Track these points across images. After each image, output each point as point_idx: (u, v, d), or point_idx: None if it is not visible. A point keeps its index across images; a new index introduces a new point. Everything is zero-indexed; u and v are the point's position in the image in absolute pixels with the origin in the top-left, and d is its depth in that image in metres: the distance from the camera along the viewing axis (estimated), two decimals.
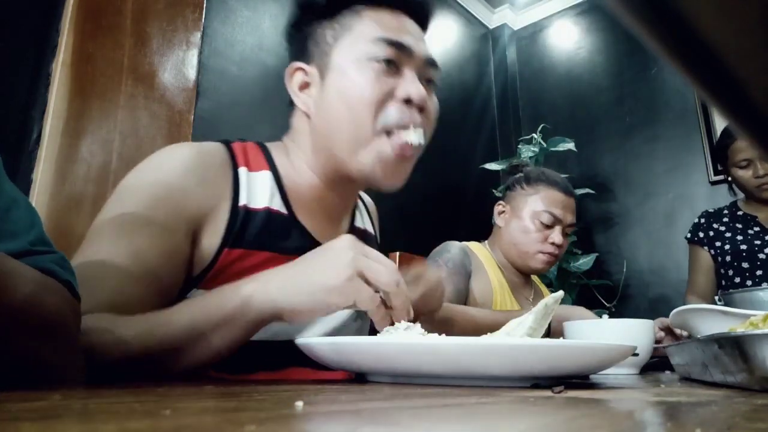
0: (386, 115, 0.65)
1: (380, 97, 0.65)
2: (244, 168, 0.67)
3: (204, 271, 0.61)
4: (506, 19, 3.13)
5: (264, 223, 0.65)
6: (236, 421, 0.20)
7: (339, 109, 0.66)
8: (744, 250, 1.68)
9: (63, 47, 1.21)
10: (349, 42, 0.67)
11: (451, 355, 0.40)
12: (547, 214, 1.31)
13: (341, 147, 0.67)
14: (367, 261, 0.50)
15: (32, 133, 1.17)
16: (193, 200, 0.60)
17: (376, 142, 0.65)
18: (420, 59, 0.69)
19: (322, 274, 0.49)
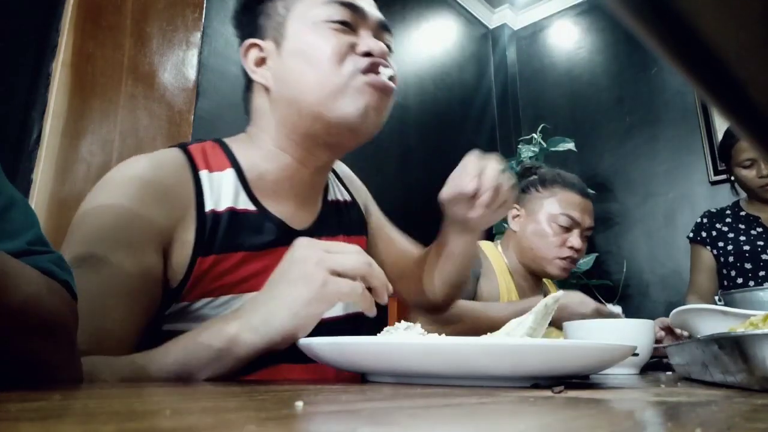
0: (350, 66, 0.64)
1: (341, 50, 0.64)
2: (206, 171, 0.65)
3: (181, 283, 0.59)
4: (506, 19, 3.13)
5: (229, 225, 0.63)
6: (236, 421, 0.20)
7: (302, 70, 0.65)
8: (747, 250, 1.68)
9: (63, 47, 1.21)
10: (301, 9, 0.67)
11: (451, 355, 0.40)
12: (564, 217, 1.27)
13: (313, 104, 0.64)
14: (331, 256, 0.49)
15: (32, 133, 1.17)
16: (156, 219, 0.58)
17: (352, 85, 0.64)
18: (374, 22, 0.68)
19: (295, 289, 0.48)
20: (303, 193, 0.72)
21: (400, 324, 0.53)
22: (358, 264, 0.49)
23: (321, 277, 0.48)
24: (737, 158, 1.69)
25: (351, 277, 0.49)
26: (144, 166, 0.61)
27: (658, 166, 2.51)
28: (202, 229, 0.61)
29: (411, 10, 2.55)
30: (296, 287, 0.48)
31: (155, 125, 1.36)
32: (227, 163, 0.67)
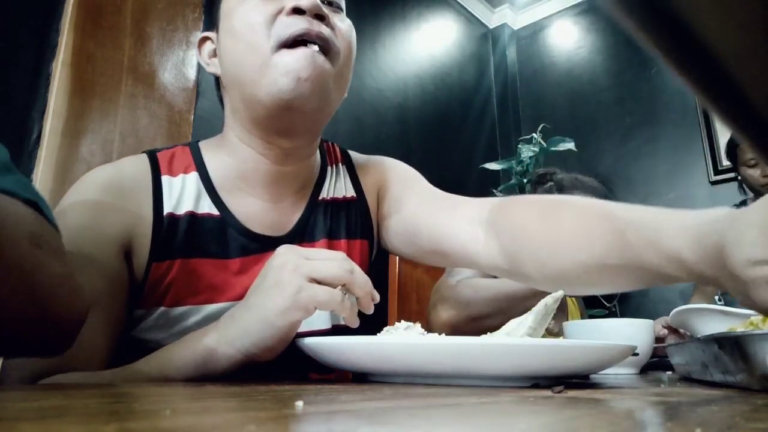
0: (277, 28, 0.58)
1: (265, 17, 0.58)
2: (167, 176, 0.63)
3: (139, 289, 0.58)
4: (506, 19, 3.13)
5: (188, 229, 0.61)
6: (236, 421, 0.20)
7: (233, 48, 0.61)
8: None
9: (63, 47, 1.21)
10: None
11: (451, 355, 0.40)
12: None
13: (247, 84, 0.60)
14: (309, 262, 0.46)
15: (32, 132, 1.17)
16: (114, 220, 0.57)
17: (275, 59, 0.58)
18: None
19: (271, 299, 0.46)
20: (275, 191, 0.67)
21: (400, 324, 0.53)
22: (337, 271, 0.46)
23: (296, 284, 0.45)
24: (742, 157, 1.69)
25: (331, 285, 0.46)
26: (105, 172, 0.61)
27: (658, 166, 2.51)
28: (158, 233, 0.59)
29: (411, 10, 2.55)
30: (270, 296, 0.46)
31: (155, 125, 1.36)
32: (192, 166, 0.65)
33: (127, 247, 0.58)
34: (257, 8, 0.59)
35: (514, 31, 3.19)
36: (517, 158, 2.55)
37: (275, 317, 0.45)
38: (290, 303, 0.45)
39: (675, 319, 0.81)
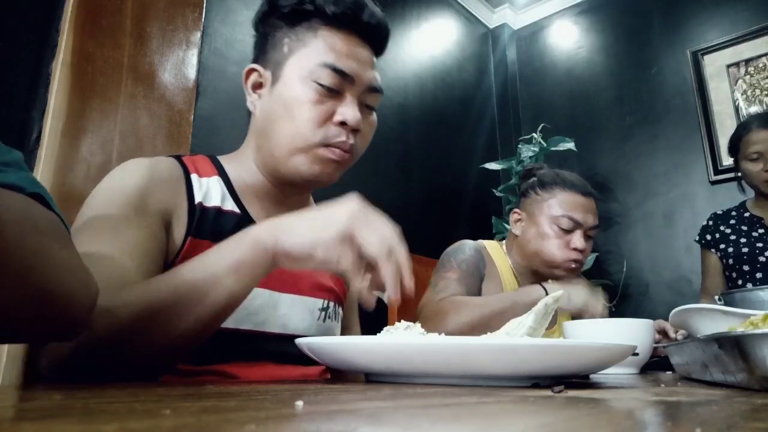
0: (323, 133, 0.69)
1: (319, 118, 0.69)
2: (195, 174, 0.71)
3: (174, 259, 0.64)
4: (506, 19, 3.13)
5: (215, 219, 0.69)
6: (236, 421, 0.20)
7: (280, 118, 0.70)
8: (746, 252, 1.68)
9: (63, 47, 1.21)
10: (300, 58, 0.71)
11: (451, 355, 0.40)
12: (566, 219, 1.24)
13: (277, 150, 0.71)
14: (361, 225, 0.50)
15: (32, 132, 1.17)
16: (158, 198, 0.65)
17: (314, 152, 0.70)
18: (362, 86, 0.72)
19: (318, 227, 0.50)
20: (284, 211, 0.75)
21: (400, 324, 0.53)
22: (376, 246, 0.49)
23: (337, 233, 0.49)
24: (745, 150, 1.70)
25: (367, 256, 0.50)
26: (145, 161, 0.69)
27: (658, 166, 2.51)
28: (193, 216, 0.67)
29: (411, 10, 2.55)
30: (319, 226, 0.50)
31: (155, 125, 1.36)
32: (214, 171, 0.74)
33: (168, 221, 0.65)
34: (312, 105, 0.69)
35: (514, 31, 3.19)
36: (517, 158, 2.55)
37: (310, 241, 0.50)
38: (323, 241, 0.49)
39: (675, 319, 0.81)
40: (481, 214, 2.64)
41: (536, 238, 1.27)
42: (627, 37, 2.73)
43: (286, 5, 0.72)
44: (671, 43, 2.57)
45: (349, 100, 0.71)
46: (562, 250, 1.24)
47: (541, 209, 1.29)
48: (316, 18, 0.71)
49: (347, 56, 0.71)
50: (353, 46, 0.72)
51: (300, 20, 0.72)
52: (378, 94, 0.76)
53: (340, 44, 0.71)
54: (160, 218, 0.64)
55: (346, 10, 0.71)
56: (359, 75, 0.71)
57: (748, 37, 2.36)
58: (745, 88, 2.36)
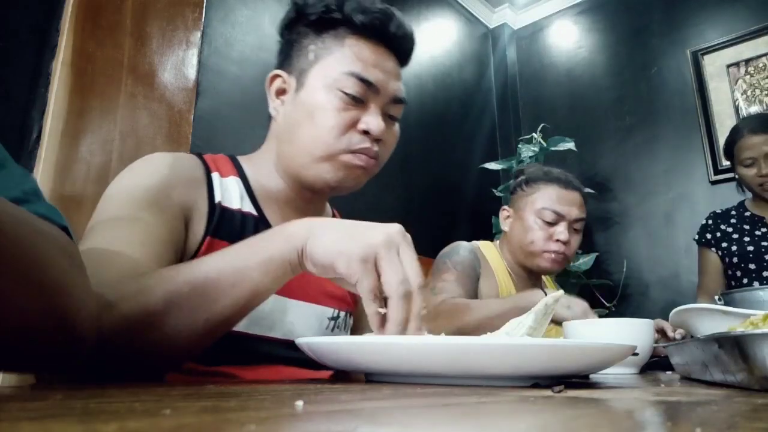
0: (346, 141, 0.69)
1: (342, 126, 0.69)
2: (216, 173, 0.71)
3: (192, 258, 0.63)
4: (506, 19, 3.13)
5: (240, 223, 0.69)
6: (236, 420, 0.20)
7: (303, 125, 0.70)
8: (751, 251, 1.68)
9: (63, 46, 1.21)
10: (326, 65, 0.71)
11: (451, 355, 0.40)
12: (548, 212, 1.28)
13: (300, 157, 0.71)
14: (390, 254, 0.48)
15: (32, 132, 1.17)
16: (180, 192, 0.65)
17: (338, 159, 0.70)
18: (386, 97, 0.72)
19: (348, 239, 0.49)
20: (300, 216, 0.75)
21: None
22: (394, 282, 0.47)
23: (364, 253, 0.47)
24: (739, 156, 1.70)
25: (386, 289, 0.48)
26: (168, 155, 0.69)
27: (658, 165, 2.51)
28: (212, 215, 0.67)
29: (411, 10, 2.55)
30: (350, 238, 0.48)
31: (155, 125, 1.36)
32: (234, 172, 0.74)
33: (188, 216, 0.65)
34: (336, 113, 0.69)
35: (514, 31, 3.19)
36: (517, 158, 2.55)
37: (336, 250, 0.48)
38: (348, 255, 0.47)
39: (675, 319, 0.81)
40: (481, 214, 2.64)
41: (521, 231, 1.32)
42: (627, 37, 2.73)
43: (314, 13, 0.72)
44: (671, 43, 2.57)
45: (373, 110, 0.70)
46: (544, 242, 1.28)
47: (525, 204, 1.34)
48: (343, 26, 0.71)
49: (373, 66, 0.70)
50: (379, 56, 0.72)
51: (327, 28, 0.72)
52: (402, 105, 0.75)
53: (366, 54, 0.71)
54: (180, 212, 0.64)
55: (374, 20, 0.71)
56: (384, 85, 0.71)
57: (748, 37, 2.36)
58: (745, 88, 2.35)
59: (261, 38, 1.79)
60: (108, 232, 0.57)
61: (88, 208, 1.19)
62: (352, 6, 0.71)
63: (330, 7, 0.71)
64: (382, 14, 0.71)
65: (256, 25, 1.79)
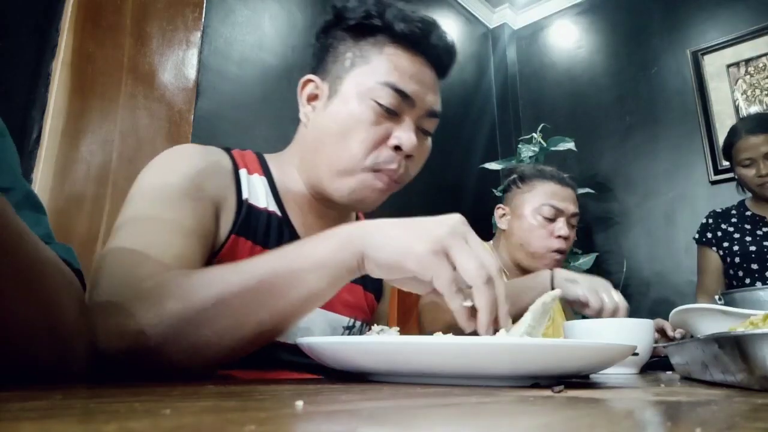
0: (375, 157, 0.67)
1: (373, 141, 0.66)
2: (244, 170, 0.70)
3: (214, 254, 0.63)
4: (506, 19, 3.13)
5: (265, 222, 0.68)
6: (236, 421, 0.20)
7: (334, 135, 0.68)
8: (753, 251, 1.68)
9: (63, 46, 1.21)
10: (361, 74, 0.68)
11: (451, 355, 0.40)
12: (547, 207, 1.30)
13: (324, 168, 0.69)
14: (460, 243, 0.46)
15: (32, 132, 1.17)
16: (212, 185, 0.64)
17: (360, 176, 0.67)
18: (422, 110, 0.69)
19: (412, 236, 0.46)
20: (322, 220, 0.75)
21: (375, 327, 0.54)
22: (473, 270, 0.45)
23: (433, 247, 0.45)
24: (737, 157, 1.70)
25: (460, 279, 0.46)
26: (199, 147, 0.68)
27: (658, 165, 2.51)
28: (239, 212, 0.66)
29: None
30: (414, 236, 0.47)
31: (155, 125, 1.36)
32: (260, 170, 0.73)
33: (218, 210, 0.64)
34: (368, 125, 0.66)
35: (514, 31, 3.19)
36: (517, 158, 2.55)
37: (400, 250, 0.46)
38: (416, 253, 0.45)
39: (675, 319, 0.81)
40: (481, 214, 2.64)
41: (521, 229, 1.33)
42: (627, 37, 2.73)
43: (353, 18, 0.70)
44: (671, 43, 2.57)
45: (407, 124, 0.68)
46: (546, 240, 1.29)
47: (523, 201, 1.35)
48: (382, 34, 0.69)
49: (410, 77, 0.68)
50: (418, 67, 0.69)
51: (366, 35, 0.69)
52: (436, 119, 0.73)
53: (404, 64, 0.68)
54: (212, 205, 0.63)
55: (414, 30, 0.68)
56: (420, 98, 0.68)
57: (748, 37, 2.36)
58: (745, 88, 2.35)
59: (261, 38, 1.79)
60: (140, 227, 0.56)
61: (87, 208, 1.19)
62: (394, 13, 0.68)
63: (370, 13, 0.69)
64: (424, 24, 0.69)
65: (256, 25, 1.79)
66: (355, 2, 0.70)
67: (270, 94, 1.78)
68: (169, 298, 0.45)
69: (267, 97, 1.77)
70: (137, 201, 0.59)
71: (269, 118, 1.77)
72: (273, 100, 1.79)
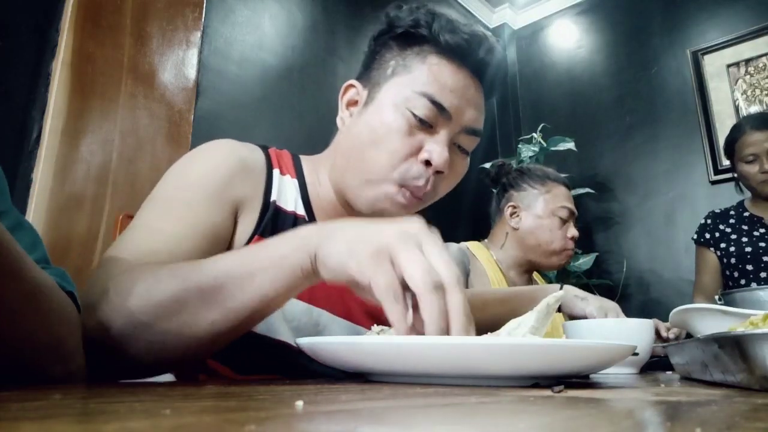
0: (404, 170, 0.64)
1: (404, 153, 0.64)
2: (277, 169, 0.70)
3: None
4: (506, 19, 3.13)
5: (291, 226, 0.66)
6: (236, 421, 0.20)
7: (365, 143, 0.66)
8: (749, 252, 1.68)
9: (63, 46, 1.21)
10: (400, 82, 0.66)
11: (451, 354, 0.40)
12: (564, 210, 1.37)
13: (352, 175, 0.68)
14: (407, 248, 0.41)
15: (32, 132, 1.17)
16: (236, 185, 0.63)
17: (385, 187, 0.65)
18: (459, 125, 0.67)
19: (359, 238, 0.43)
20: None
21: (374, 327, 0.54)
22: (418, 275, 0.40)
23: (375, 248, 0.41)
24: (740, 153, 1.70)
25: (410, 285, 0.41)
26: (236, 145, 0.68)
27: (658, 165, 2.51)
28: (264, 214, 0.65)
29: None
30: (362, 236, 0.43)
31: (155, 125, 1.36)
32: (293, 172, 0.72)
33: (238, 212, 0.64)
34: (400, 136, 0.64)
35: (514, 31, 3.19)
36: (517, 158, 2.55)
37: (346, 250, 0.43)
38: (358, 253, 0.41)
39: (675, 319, 0.81)
40: (482, 214, 2.64)
41: (539, 230, 1.38)
42: (627, 37, 2.73)
43: (402, 26, 0.68)
44: (671, 43, 2.57)
45: (441, 138, 0.65)
46: (562, 240, 1.37)
47: (539, 202, 1.40)
48: (428, 44, 0.67)
49: (450, 90, 0.65)
50: (460, 81, 0.66)
51: (412, 44, 0.68)
52: (476, 137, 0.70)
53: (445, 76, 0.65)
54: (231, 206, 0.62)
55: (461, 42, 0.66)
56: (458, 112, 0.66)
57: (748, 37, 2.36)
58: (745, 88, 2.35)
59: (261, 38, 1.79)
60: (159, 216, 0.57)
61: (87, 208, 1.19)
62: (442, 24, 0.67)
63: (419, 22, 0.67)
64: (473, 36, 0.67)
65: (256, 25, 1.79)
66: (407, 11, 0.69)
67: (270, 94, 1.78)
68: (131, 293, 0.45)
69: (267, 97, 1.77)
70: (164, 189, 0.61)
71: (269, 118, 1.77)
72: (273, 100, 1.79)
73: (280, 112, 1.80)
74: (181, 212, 0.57)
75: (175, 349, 0.47)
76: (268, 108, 1.77)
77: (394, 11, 0.70)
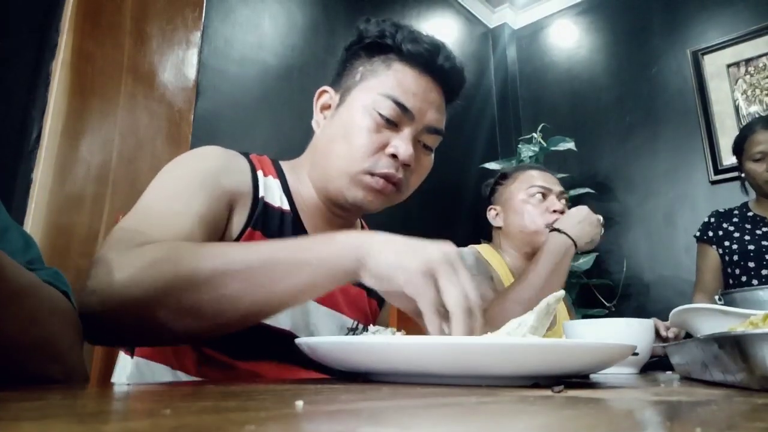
0: (372, 162, 0.71)
1: (372, 146, 0.71)
2: (261, 171, 0.74)
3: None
4: (506, 19, 3.13)
5: (279, 220, 0.72)
6: (236, 420, 0.20)
7: (338, 140, 0.73)
8: (751, 250, 1.69)
9: (63, 46, 1.21)
10: (368, 86, 0.73)
11: (451, 354, 0.40)
12: (535, 188, 1.38)
13: (330, 170, 0.73)
14: (449, 270, 0.48)
15: (32, 132, 1.17)
16: (230, 179, 0.68)
17: (359, 176, 0.71)
18: (421, 124, 0.74)
19: (408, 253, 0.49)
20: (331, 225, 0.78)
21: (371, 328, 0.54)
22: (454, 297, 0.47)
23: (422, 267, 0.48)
24: (749, 151, 1.71)
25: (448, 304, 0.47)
26: (220, 149, 0.72)
27: (658, 165, 2.51)
28: (255, 208, 0.69)
29: (411, 10, 2.55)
30: (408, 253, 0.49)
31: (155, 125, 1.36)
32: (275, 173, 0.77)
33: (233, 205, 0.68)
34: (368, 133, 0.71)
35: (514, 31, 3.19)
36: (517, 158, 2.54)
37: (394, 265, 0.49)
38: (406, 269, 0.48)
39: (675, 319, 0.81)
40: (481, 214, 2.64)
41: (518, 217, 1.39)
42: (627, 37, 2.73)
43: (369, 37, 0.76)
44: (671, 43, 2.57)
45: (405, 135, 0.72)
46: (543, 216, 1.36)
47: (510, 193, 1.43)
48: (393, 53, 0.74)
49: (413, 93, 0.73)
50: (422, 86, 0.74)
51: (379, 53, 0.75)
52: (438, 136, 0.77)
53: (408, 80, 0.73)
54: (226, 198, 0.66)
55: (422, 51, 0.74)
56: (420, 113, 0.73)
57: (748, 37, 2.36)
58: (745, 88, 2.35)
59: (261, 38, 1.79)
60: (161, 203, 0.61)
61: (87, 208, 1.19)
62: (405, 35, 0.74)
63: (384, 33, 0.75)
64: (432, 45, 0.74)
65: (256, 25, 1.78)
66: (375, 24, 0.77)
67: (270, 94, 1.78)
68: (164, 260, 0.49)
69: (267, 97, 1.77)
70: (154, 188, 0.64)
71: (269, 117, 1.77)
72: (273, 100, 1.79)
73: (280, 112, 1.80)
74: (180, 199, 0.61)
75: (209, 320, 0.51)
76: (268, 108, 1.77)
77: (363, 24, 0.78)
